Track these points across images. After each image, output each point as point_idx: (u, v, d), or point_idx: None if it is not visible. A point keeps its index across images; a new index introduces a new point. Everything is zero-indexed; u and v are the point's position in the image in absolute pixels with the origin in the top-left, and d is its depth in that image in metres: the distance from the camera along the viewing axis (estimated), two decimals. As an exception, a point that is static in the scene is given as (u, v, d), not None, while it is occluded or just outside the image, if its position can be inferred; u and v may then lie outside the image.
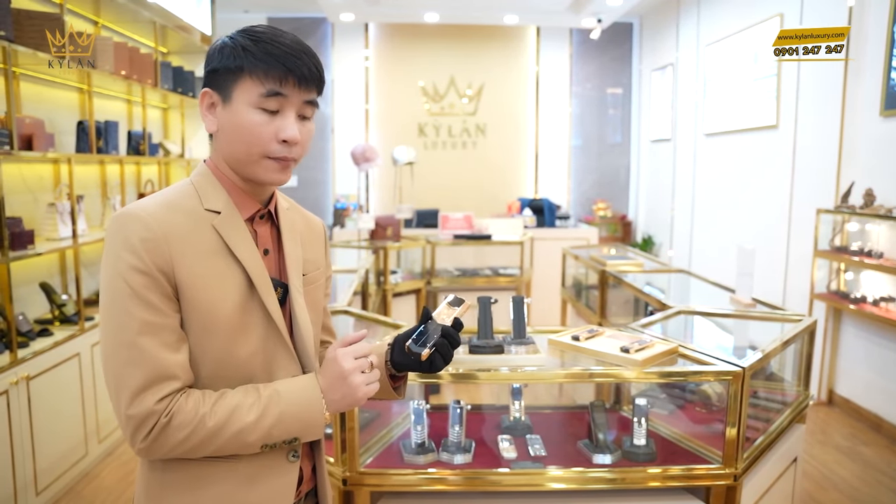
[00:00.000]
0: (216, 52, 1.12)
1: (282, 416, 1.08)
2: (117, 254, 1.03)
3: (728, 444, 1.86)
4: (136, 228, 1.03)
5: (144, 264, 1.03)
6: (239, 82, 1.09)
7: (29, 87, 3.57)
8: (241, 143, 1.11)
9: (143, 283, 1.03)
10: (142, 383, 1.01)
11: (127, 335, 1.02)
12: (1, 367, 2.81)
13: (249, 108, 1.09)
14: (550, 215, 6.51)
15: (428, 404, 2.09)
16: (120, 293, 1.02)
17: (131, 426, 1.02)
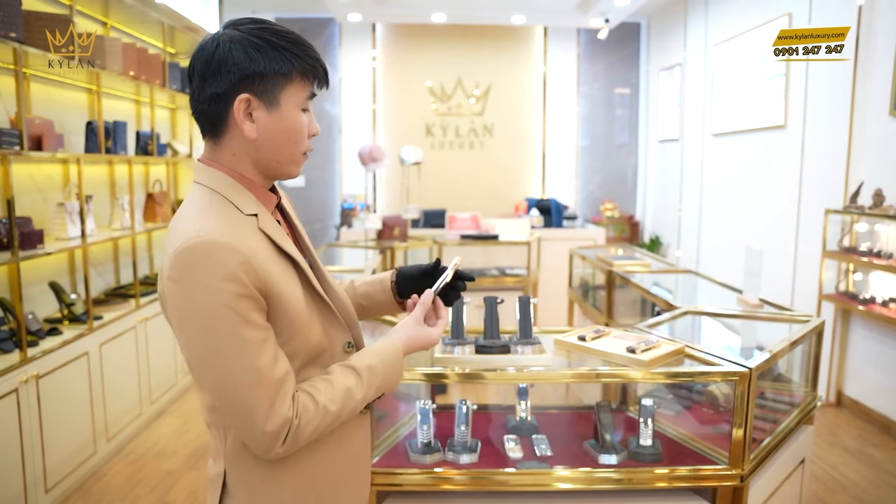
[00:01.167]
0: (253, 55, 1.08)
1: (379, 386, 1.19)
2: (216, 286, 1.01)
3: (735, 445, 1.86)
4: (228, 255, 1.02)
5: (247, 288, 1.03)
6: (287, 87, 1.11)
7: (39, 87, 3.60)
8: (289, 144, 1.14)
9: (248, 306, 1.04)
10: (270, 400, 1.04)
11: (246, 361, 1.03)
12: (11, 365, 2.83)
13: (296, 111, 1.13)
14: (558, 215, 6.50)
15: (434, 404, 2.09)
16: (229, 323, 1.02)
17: (268, 440, 1.05)
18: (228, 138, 1.13)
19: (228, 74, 1.08)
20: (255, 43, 1.09)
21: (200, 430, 4.06)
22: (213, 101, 1.10)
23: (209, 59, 1.09)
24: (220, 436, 1.18)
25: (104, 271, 4.30)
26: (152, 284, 4.50)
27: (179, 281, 1.03)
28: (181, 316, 1.05)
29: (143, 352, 4.06)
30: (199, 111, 1.13)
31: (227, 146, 1.14)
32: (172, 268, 1.03)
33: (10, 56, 2.95)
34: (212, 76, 1.09)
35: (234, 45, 1.09)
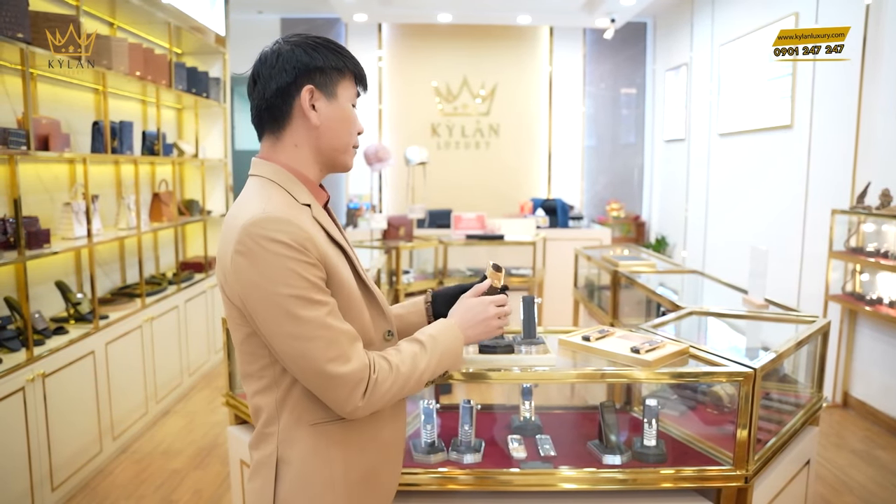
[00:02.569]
0: (313, 54, 1.23)
1: (441, 355, 1.29)
2: (285, 253, 1.12)
3: (739, 446, 1.85)
4: (294, 229, 1.14)
5: (312, 258, 1.15)
6: (342, 81, 1.27)
7: (46, 88, 3.61)
8: (344, 134, 1.29)
9: (315, 274, 1.15)
10: (347, 355, 1.15)
11: (319, 319, 1.14)
12: (17, 364, 2.85)
13: (348, 105, 1.29)
14: (563, 216, 6.49)
15: (438, 404, 2.09)
16: (300, 287, 1.12)
17: (348, 391, 1.15)
18: (291, 130, 1.26)
19: (293, 70, 1.23)
20: (312, 44, 1.25)
21: (205, 429, 4.07)
22: (278, 94, 1.23)
23: (273, 61, 1.24)
24: (273, 417, 1.24)
25: (110, 271, 4.31)
26: (158, 284, 4.51)
27: (249, 254, 1.12)
28: (252, 287, 1.13)
29: (148, 351, 4.07)
30: (264, 107, 1.25)
31: (288, 138, 1.27)
32: (240, 241, 1.13)
33: (18, 56, 2.96)
34: (277, 73, 1.23)
35: (295, 47, 1.24)
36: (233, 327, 1.24)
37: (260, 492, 1.25)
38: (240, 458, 2.40)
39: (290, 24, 7.81)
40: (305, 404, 1.23)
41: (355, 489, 1.28)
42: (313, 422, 1.24)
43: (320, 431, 1.24)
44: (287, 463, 1.24)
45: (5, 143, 2.87)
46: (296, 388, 1.23)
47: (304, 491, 1.23)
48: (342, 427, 1.25)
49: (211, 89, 5.26)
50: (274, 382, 1.24)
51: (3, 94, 3.24)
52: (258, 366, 1.24)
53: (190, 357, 4.76)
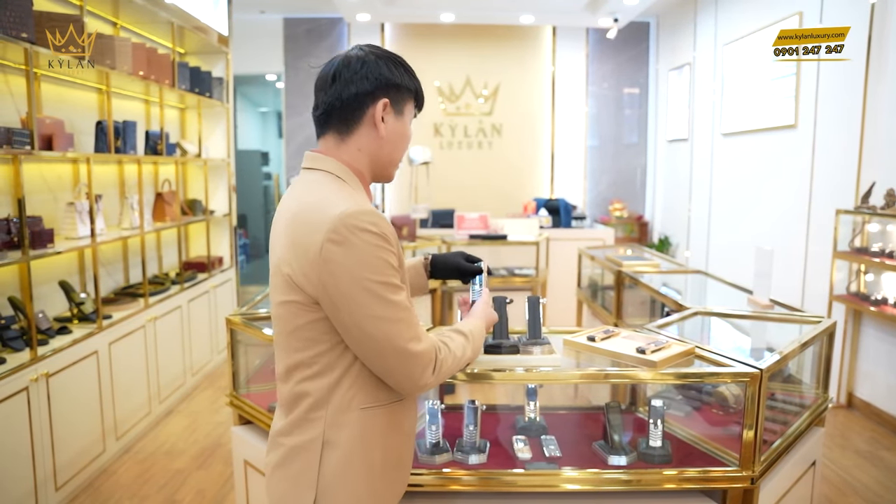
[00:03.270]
0: (393, 70, 1.35)
1: (475, 349, 1.48)
2: (377, 243, 1.23)
3: (745, 447, 1.84)
4: (384, 223, 1.26)
5: (396, 250, 1.28)
6: (410, 101, 1.41)
7: (49, 87, 3.61)
8: (401, 148, 1.41)
9: (396, 264, 1.28)
10: (420, 335, 1.29)
11: (401, 302, 1.26)
12: (21, 364, 2.85)
13: (408, 122, 1.41)
14: (566, 216, 6.49)
15: (442, 404, 2.09)
16: (386, 274, 1.24)
17: (423, 363, 1.28)
18: (358, 135, 1.35)
19: (375, 80, 1.33)
20: (395, 61, 1.37)
21: (209, 429, 4.07)
22: (355, 98, 1.32)
23: (358, 67, 1.33)
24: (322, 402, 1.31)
25: (113, 270, 4.32)
26: (161, 284, 4.51)
27: (344, 242, 1.21)
28: (344, 272, 1.21)
29: (151, 351, 4.07)
30: (338, 107, 1.33)
31: (353, 142, 1.36)
32: (335, 230, 1.21)
33: (22, 56, 2.96)
34: (359, 80, 1.32)
35: (380, 60, 1.35)
36: (293, 314, 1.29)
37: (297, 476, 1.32)
38: (243, 458, 2.39)
39: (292, 24, 7.80)
40: (358, 389, 1.32)
41: (389, 473, 1.38)
42: (363, 406, 1.32)
43: (368, 415, 1.33)
44: (334, 446, 1.31)
45: (9, 142, 2.86)
46: (349, 374, 1.31)
47: (346, 474, 1.31)
48: (386, 412, 1.35)
49: (214, 89, 5.26)
50: (328, 368, 1.31)
51: (7, 94, 3.24)
52: (313, 352, 1.30)
53: (193, 357, 4.76)
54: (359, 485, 1.32)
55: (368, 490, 1.33)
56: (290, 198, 1.35)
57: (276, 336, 1.37)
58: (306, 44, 7.85)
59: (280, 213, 1.35)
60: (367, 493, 1.33)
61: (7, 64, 3.19)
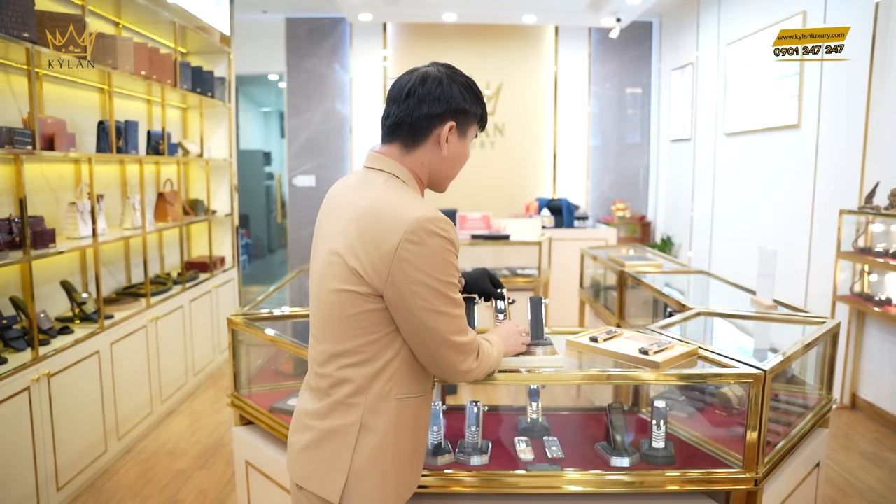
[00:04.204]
0: (466, 97, 1.46)
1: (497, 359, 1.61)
2: (447, 247, 1.35)
3: (748, 448, 1.83)
4: (451, 229, 1.37)
5: (457, 252, 1.40)
6: (473, 125, 1.51)
7: (51, 87, 3.61)
8: (458, 167, 1.53)
9: (457, 265, 1.40)
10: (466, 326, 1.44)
11: (458, 302, 1.40)
12: (23, 363, 2.85)
13: (467, 143, 1.51)
14: (569, 216, 6.48)
15: (444, 405, 2.08)
16: (449, 274, 1.37)
17: (468, 352, 1.44)
18: (422, 150, 1.46)
19: (447, 103, 1.44)
20: (467, 87, 1.48)
21: (210, 429, 4.06)
22: (426, 118, 1.43)
23: (433, 88, 1.44)
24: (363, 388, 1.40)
25: (115, 270, 4.31)
26: (163, 284, 4.51)
27: (421, 243, 1.32)
28: (416, 270, 1.32)
29: (153, 351, 4.07)
30: (408, 123, 1.44)
31: (418, 155, 1.46)
32: (414, 232, 1.31)
33: (24, 56, 2.96)
34: (433, 101, 1.43)
35: (454, 84, 1.46)
36: (349, 303, 1.37)
37: (331, 458, 1.41)
38: (245, 458, 2.39)
39: (294, 24, 7.80)
40: (397, 380, 1.41)
41: (415, 460, 1.49)
42: (399, 396, 1.42)
43: (403, 405, 1.43)
44: (371, 431, 1.40)
45: (11, 142, 2.86)
46: (391, 365, 1.40)
47: (379, 457, 1.41)
48: (417, 404, 1.46)
49: (216, 89, 5.26)
50: (373, 357, 1.40)
51: (9, 94, 3.24)
52: (363, 341, 1.39)
53: (195, 357, 4.75)
54: (388, 468, 1.42)
55: (396, 473, 1.43)
56: (354, 192, 1.44)
57: (323, 321, 1.44)
58: (308, 44, 7.84)
59: (340, 205, 1.45)
60: (395, 476, 1.43)
61: (9, 63, 3.19)
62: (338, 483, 1.39)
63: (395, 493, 1.44)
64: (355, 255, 1.35)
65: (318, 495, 1.42)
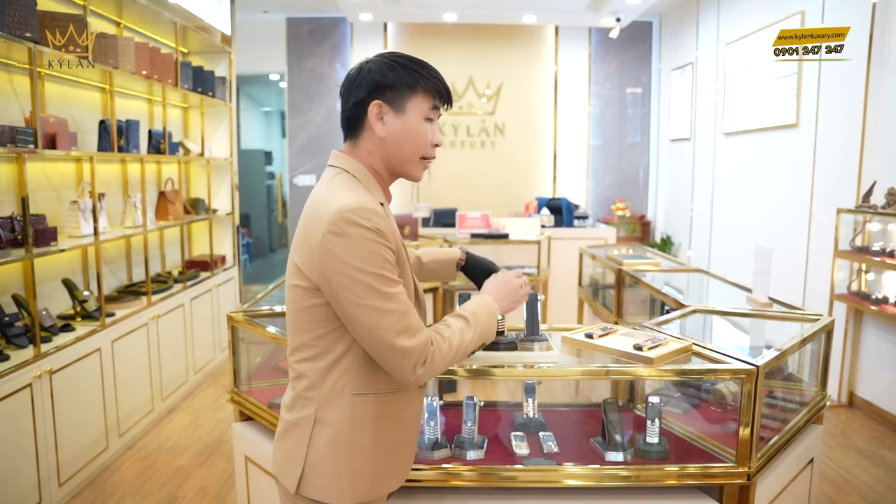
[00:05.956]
0: (386, 72, 1.39)
1: (482, 330, 1.46)
2: (371, 237, 1.30)
3: (742, 443, 1.85)
4: (379, 218, 1.32)
5: (390, 244, 1.33)
6: (413, 97, 1.41)
7: (53, 86, 3.64)
8: (410, 145, 1.43)
9: (391, 258, 1.33)
10: (412, 327, 1.33)
11: (394, 296, 1.32)
12: (25, 361, 2.87)
13: (420, 119, 1.43)
14: (568, 215, 6.49)
15: (441, 401, 2.10)
16: (379, 266, 1.30)
17: (413, 358, 1.33)
18: (364, 138, 1.44)
19: (367, 87, 1.40)
20: (390, 64, 1.41)
21: (211, 426, 4.09)
22: (354, 107, 1.42)
23: (355, 77, 1.42)
24: (316, 383, 1.41)
25: (116, 269, 4.34)
26: (164, 282, 4.53)
27: (342, 234, 1.29)
28: (341, 262, 1.30)
29: (154, 349, 4.10)
30: (345, 117, 1.45)
31: (363, 145, 1.45)
32: (335, 223, 1.30)
33: (26, 55, 2.98)
34: (356, 89, 1.41)
35: (374, 65, 1.41)
36: (299, 297, 1.39)
37: (291, 450, 1.43)
38: (244, 454, 2.41)
39: (295, 24, 7.82)
40: (350, 376, 1.40)
41: (380, 456, 1.44)
42: (355, 392, 1.40)
43: (359, 401, 1.41)
44: (324, 424, 1.40)
45: (13, 141, 2.89)
46: (342, 361, 1.39)
47: (333, 452, 1.40)
48: (379, 400, 1.42)
49: (217, 88, 5.28)
50: (323, 353, 1.40)
51: (12, 93, 3.27)
52: (312, 336, 1.40)
53: (195, 355, 4.78)
54: (343, 463, 1.40)
55: (353, 469, 1.41)
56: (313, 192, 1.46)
57: (287, 316, 1.47)
58: (309, 43, 7.87)
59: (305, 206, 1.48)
60: (352, 472, 1.41)
61: (11, 63, 3.21)
62: (295, 474, 1.41)
63: (352, 488, 1.41)
64: (297, 251, 1.39)
65: (283, 485, 1.46)
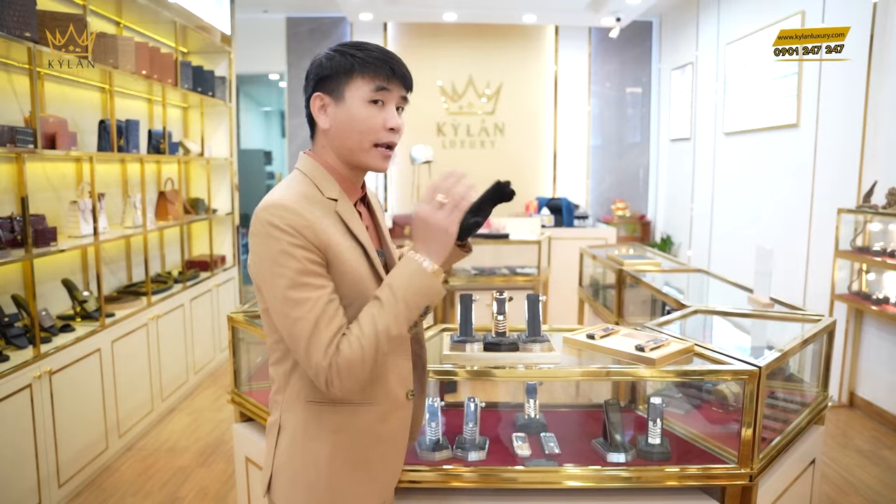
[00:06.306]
0: (324, 63, 1.33)
1: (406, 300, 1.24)
2: (278, 236, 1.22)
3: (744, 444, 1.85)
4: (290, 215, 1.23)
5: (305, 242, 1.23)
6: (351, 82, 1.32)
7: (53, 86, 3.63)
8: (355, 132, 1.33)
9: (304, 256, 1.23)
10: (323, 334, 1.21)
11: (304, 303, 1.21)
12: (24, 361, 2.87)
13: (362, 103, 1.32)
14: (568, 215, 6.49)
15: (443, 402, 2.10)
16: (288, 266, 1.21)
17: (323, 369, 1.20)
18: (317, 134, 1.39)
19: (310, 82, 1.36)
20: (328, 54, 1.34)
21: (211, 427, 4.08)
22: (306, 105, 1.38)
23: (304, 78, 1.39)
24: (281, 386, 1.37)
25: (116, 269, 4.33)
26: (164, 282, 4.53)
27: (255, 234, 1.25)
28: (258, 265, 1.26)
29: (154, 349, 4.09)
30: (306, 114, 1.40)
31: (318, 140, 1.39)
32: (253, 223, 1.26)
33: (25, 55, 2.98)
34: (305, 88, 1.38)
35: (315, 60, 1.36)
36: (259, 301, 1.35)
37: (266, 451, 1.41)
38: (244, 454, 2.41)
39: (295, 23, 7.82)
40: (304, 381, 1.33)
41: (339, 475, 1.34)
42: (308, 399, 1.34)
43: (313, 409, 1.34)
44: (284, 430, 1.36)
45: (13, 141, 2.88)
46: (299, 366, 1.32)
47: (291, 460, 1.35)
48: (334, 411, 1.33)
49: (216, 88, 5.27)
50: (284, 356, 1.35)
51: (11, 93, 3.26)
52: (273, 339, 1.36)
53: (195, 355, 4.77)
54: (297, 473, 1.34)
55: (306, 480, 1.33)
56: None
57: None
58: (309, 43, 7.86)
59: None
60: (305, 482, 1.34)
61: (11, 63, 3.21)
62: (266, 476, 1.39)
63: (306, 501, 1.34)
64: None
65: None
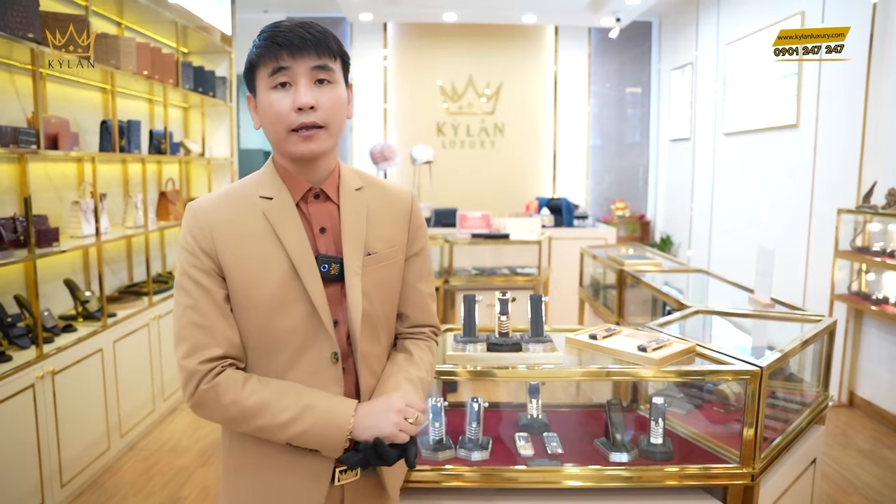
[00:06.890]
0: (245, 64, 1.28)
1: (308, 430, 1.18)
2: (180, 241, 1.25)
3: (745, 444, 1.86)
4: (190, 219, 1.24)
5: (193, 247, 1.22)
6: (257, 73, 1.25)
7: (55, 87, 3.63)
8: (269, 124, 1.24)
9: (190, 262, 1.21)
10: (196, 342, 1.19)
11: (184, 305, 1.21)
12: (27, 361, 2.87)
13: (267, 92, 1.23)
14: (568, 215, 6.49)
15: (446, 402, 2.10)
16: (180, 271, 1.23)
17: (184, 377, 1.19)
18: None
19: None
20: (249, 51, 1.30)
21: (212, 426, 4.09)
22: None
23: None
24: None
25: (118, 269, 4.34)
26: (165, 282, 4.53)
27: None
28: None
29: (155, 349, 4.09)
30: None
31: None
32: None
33: (28, 56, 2.98)
34: None
35: None
36: None
37: None
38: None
39: (295, 24, 7.82)
40: None
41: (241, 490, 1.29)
42: None
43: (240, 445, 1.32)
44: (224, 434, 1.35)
45: (15, 142, 2.89)
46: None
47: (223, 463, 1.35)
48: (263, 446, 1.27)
49: (217, 88, 5.28)
50: None
51: (13, 94, 3.27)
52: None
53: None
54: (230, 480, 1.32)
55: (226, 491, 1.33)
56: None
57: None
58: (309, 43, 7.86)
59: None
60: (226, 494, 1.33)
61: (13, 63, 3.21)
62: None
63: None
64: None
65: None
